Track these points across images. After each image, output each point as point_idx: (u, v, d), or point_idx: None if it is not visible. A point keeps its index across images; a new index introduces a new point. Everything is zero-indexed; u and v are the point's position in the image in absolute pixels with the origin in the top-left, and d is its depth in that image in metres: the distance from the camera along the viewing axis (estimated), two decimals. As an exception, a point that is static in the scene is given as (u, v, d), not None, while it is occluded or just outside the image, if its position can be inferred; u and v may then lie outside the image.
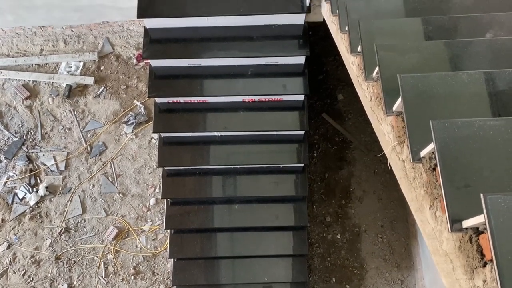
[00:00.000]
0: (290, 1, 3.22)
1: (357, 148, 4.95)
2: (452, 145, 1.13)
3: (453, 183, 1.11)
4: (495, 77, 1.40)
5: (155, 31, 3.44)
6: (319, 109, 5.06)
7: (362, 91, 2.04)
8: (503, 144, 1.12)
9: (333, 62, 5.18)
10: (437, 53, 1.65)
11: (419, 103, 1.36)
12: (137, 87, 5.19)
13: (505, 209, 0.90)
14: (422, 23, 1.90)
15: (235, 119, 3.72)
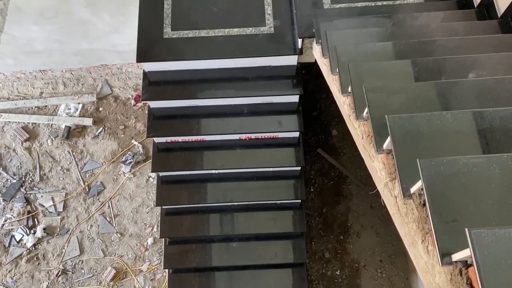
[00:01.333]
0: (283, 44, 3.36)
1: (353, 183, 5.01)
2: (439, 182, 1.20)
3: (441, 218, 1.17)
4: (478, 116, 1.49)
5: (154, 74, 3.56)
6: (314, 144, 5.15)
7: (354, 129, 2.13)
8: (486, 180, 1.19)
9: (326, 99, 5.32)
10: (423, 93, 1.74)
11: (407, 142, 1.44)
12: (135, 127, 5.29)
13: (489, 243, 0.95)
14: (408, 64, 2.01)
15: (232, 156, 3.79)
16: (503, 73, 1.98)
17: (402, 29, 2.59)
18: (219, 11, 3.52)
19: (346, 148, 5.15)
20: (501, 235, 0.96)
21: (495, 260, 0.95)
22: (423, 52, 2.18)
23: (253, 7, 3.50)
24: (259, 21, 3.44)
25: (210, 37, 3.43)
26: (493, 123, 1.47)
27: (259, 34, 3.41)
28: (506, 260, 0.95)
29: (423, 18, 2.77)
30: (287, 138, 3.77)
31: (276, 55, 3.37)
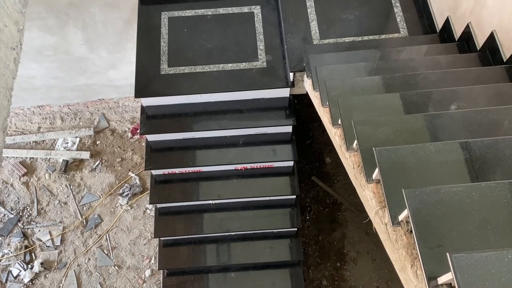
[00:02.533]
0: (275, 77, 3.51)
1: (348, 209, 5.08)
2: (423, 210, 1.30)
3: (427, 244, 1.26)
4: (459, 147, 1.60)
5: (151, 108, 3.68)
6: (309, 172, 5.24)
7: (345, 159, 2.23)
8: (466, 208, 1.28)
9: (319, 127, 5.45)
10: (408, 126, 1.86)
11: (393, 172, 1.54)
12: (132, 159, 5.37)
13: (468, 265, 1.04)
14: (394, 98, 2.14)
15: (229, 186, 3.87)
16: (483, 104, 2.11)
17: (388, 63, 2.74)
18: (213, 47, 3.68)
19: (340, 175, 5.25)
20: (479, 258, 1.06)
21: (475, 281, 1.04)
22: (408, 85, 2.31)
23: (246, 43, 3.67)
24: (252, 56, 3.60)
25: (205, 72, 3.57)
26: (473, 153, 1.58)
27: (252, 68, 3.56)
28: (484, 281, 1.03)
29: (407, 52, 2.93)
30: (282, 167, 3.87)
31: (269, 88, 3.51)
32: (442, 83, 2.32)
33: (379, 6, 3.62)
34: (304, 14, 3.59)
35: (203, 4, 3.89)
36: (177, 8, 3.88)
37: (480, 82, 2.28)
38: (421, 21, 3.52)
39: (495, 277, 1.04)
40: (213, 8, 3.87)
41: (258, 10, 3.82)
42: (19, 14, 1.54)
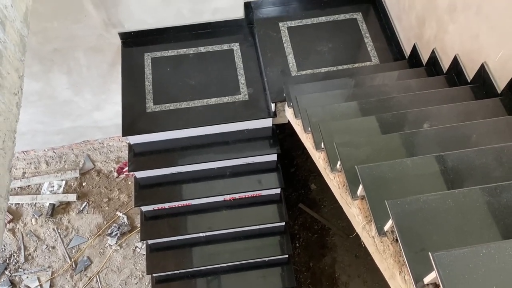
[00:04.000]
0: (257, 108, 3.66)
1: (336, 234, 5.17)
2: (405, 218, 1.42)
3: (411, 249, 1.37)
4: (433, 160, 1.75)
5: (139, 146, 3.77)
6: (295, 200, 5.34)
7: (330, 180, 2.36)
8: (443, 213, 1.41)
9: (302, 155, 5.60)
10: (386, 144, 2.01)
11: (376, 187, 1.66)
12: (119, 199, 5.39)
13: (448, 262, 1.16)
14: (371, 120, 2.30)
15: (218, 218, 3.93)
16: (452, 121, 2.28)
17: (362, 89, 2.92)
18: (196, 84, 3.83)
19: (326, 200, 5.37)
20: (458, 254, 1.17)
21: (455, 276, 1.15)
22: (382, 108, 2.48)
23: (227, 78, 3.83)
24: (234, 90, 3.76)
25: (190, 108, 3.70)
26: (447, 165, 1.72)
27: (235, 101, 3.71)
28: (464, 275, 1.15)
29: (380, 78, 3.13)
30: (269, 195, 3.97)
31: (252, 119, 3.65)
32: (414, 105, 2.50)
33: (351, 38, 3.85)
34: (280, 48, 3.79)
35: (184, 44, 4.07)
36: (159, 49, 4.05)
37: (449, 101, 2.47)
38: (390, 49, 3.76)
39: (473, 270, 1.15)
40: (194, 47, 4.05)
41: (237, 47, 4.02)
42: (19, 62, 1.65)
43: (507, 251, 1.18)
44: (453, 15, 2.82)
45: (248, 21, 4.08)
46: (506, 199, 1.45)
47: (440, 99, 2.53)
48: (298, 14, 4.00)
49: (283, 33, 3.88)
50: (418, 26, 3.33)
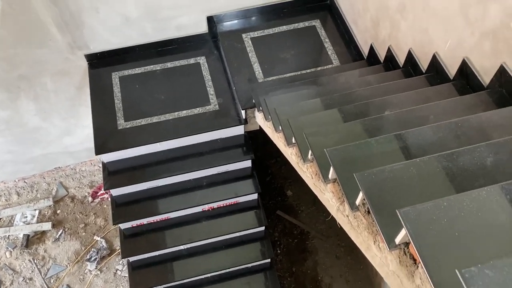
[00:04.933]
0: (228, 117, 3.75)
1: (315, 237, 5.26)
2: (373, 188, 1.52)
3: (382, 215, 1.47)
4: (395, 138, 1.88)
5: (112, 164, 3.78)
6: (273, 207, 5.42)
7: (303, 173, 2.46)
8: (408, 180, 1.53)
9: (276, 163, 5.71)
10: (351, 130, 2.13)
11: (345, 166, 1.77)
12: (95, 223, 5.32)
13: (414, 217, 1.26)
14: (336, 112, 2.43)
15: (198, 229, 3.96)
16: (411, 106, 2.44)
17: (326, 87, 3.07)
18: (166, 98, 3.90)
19: (302, 205, 5.47)
20: (422, 209, 1.28)
21: (422, 229, 1.25)
22: (345, 102, 2.62)
23: (196, 90, 3.92)
24: (204, 101, 3.85)
25: (161, 122, 3.76)
26: (407, 141, 1.85)
27: (206, 112, 3.80)
28: (429, 226, 1.25)
29: (341, 77, 3.29)
30: (247, 201, 4.03)
31: (224, 127, 3.73)
32: (374, 96, 2.65)
33: (311, 44, 4.03)
34: (246, 58, 3.93)
35: (151, 61, 4.15)
36: (126, 68, 4.11)
37: (406, 90, 2.63)
38: (349, 51, 3.95)
39: (436, 221, 1.26)
40: (160, 63, 4.13)
41: (203, 60, 4.13)
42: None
43: (464, 202, 1.30)
44: (404, 14, 3.03)
45: (212, 35, 4.20)
46: (462, 162, 1.58)
47: (398, 89, 2.69)
48: (259, 25, 4.15)
49: (247, 44, 4.02)
50: (373, 27, 3.53)
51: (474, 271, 1.02)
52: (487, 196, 1.31)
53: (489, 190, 1.32)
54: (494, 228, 1.24)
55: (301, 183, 5.51)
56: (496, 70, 2.27)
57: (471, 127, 1.88)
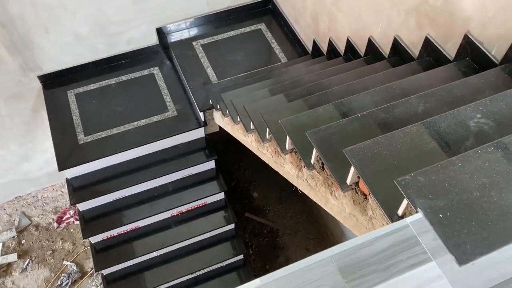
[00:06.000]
0: (188, 121, 3.88)
1: (285, 234, 5.41)
2: (324, 142, 1.71)
3: (333, 163, 1.66)
4: (338, 105, 2.09)
5: (76, 179, 3.80)
6: (241, 210, 5.53)
7: (264, 155, 2.63)
8: (351, 133, 1.72)
9: (239, 168, 5.86)
10: (302, 106, 2.33)
11: (298, 133, 1.95)
12: (63, 248, 5.22)
13: (358, 153, 1.45)
14: (287, 96, 2.62)
15: (169, 234, 4.02)
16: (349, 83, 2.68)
17: (276, 79, 3.28)
18: (124, 110, 3.98)
19: (269, 205, 5.62)
20: (364, 146, 1.47)
21: (366, 163, 1.44)
22: (294, 87, 2.83)
23: (153, 99, 4.03)
24: (162, 108, 3.96)
25: (121, 132, 3.83)
26: (351, 105, 2.07)
27: (165, 119, 3.91)
28: (370, 158, 1.44)
29: (290, 69, 3.52)
30: (215, 202, 4.14)
31: (184, 131, 3.86)
32: (319, 80, 2.88)
33: (259, 45, 4.26)
34: (198, 64, 4.09)
35: (105, 76, 4.23)
36: (81, 85, 4.17)
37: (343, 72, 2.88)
38: (295, 49, 4.21)
39: (377, 155, 1.46)
40: (115, 77, 4.22)
41: (157, 70, 4.26)
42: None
43: (400, 137, 1.51)
44: (339, 5, 3.31)
45: (163, 46, 4.35)
46: (398, 112, 1.80)
47: (339, 72, 2.93)
48: (208, 32, 4.35)
49: (198, 50, 4.19)
50: (313, 22, 3.81)
51: (408, 179, 1.21)
52: (417, 130, 1.52)
53: (418, 125, 1.54)
54: (424, 154, 1.45)
55: (265, 184, 5.70)
56: (422, 42, 2.55)
57: (404, 88, 2.13)
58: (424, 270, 1.06)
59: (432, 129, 1.53)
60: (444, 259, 1.08)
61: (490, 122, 1.54)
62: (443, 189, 1.19)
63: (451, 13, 2.25)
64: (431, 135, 1.50)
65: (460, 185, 1.20)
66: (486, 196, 1.18)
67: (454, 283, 1.04)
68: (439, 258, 1.08)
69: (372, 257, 1.08)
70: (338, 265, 1.08)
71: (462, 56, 2.29)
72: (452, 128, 1.52)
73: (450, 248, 1.08)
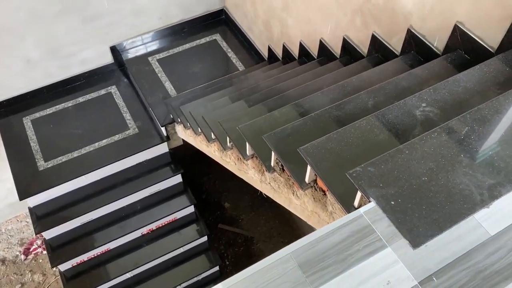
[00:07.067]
0: (150, 137, 3.84)
1: (259, 241, 5.41)
2: (281, 143, 1.73)
3: (291, 164, 1.68)
4: (294, 106, 2.12)
5: (40, 207, 3.68)
6: (214, 222, 5.50)
7: (227, 163, 2.63)
8: (307, 131, 1.76)
9: (209, 180, 5.83)
10: (259, 111, 2.36)
11: (256, 138, 1.97)
12: (33, 280, 5.03)
13: (312, 151, 1.49)
14: (244, 102, 2.65)
15: (142, 254, 3.94)
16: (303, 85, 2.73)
17: (235, 87, 3.30)
18: (84, 132, 3.90)
19: (241, 214, 5.61)
20: (317, 143, 1.51)
21: (319, 157, 1.47)
22: (252, 93, 2.86)
23: (113, 119, 3.97)
24: (123, 126, 3.90)
25: (83, 155, 3.75)
26: (305, 106, 2.11)
27: (126, 137, 3.85)
28: (324, 154, 1.48)
29: (248, 77, 3.55)
30: (185, 216, 4.10)
31: (147, 148, 3.81)
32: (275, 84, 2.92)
33: (216, 56, 4.29)
34: (156, 79, 4.07)
35: (61, 100, 4.13)
36: (37, 110, 4.06)
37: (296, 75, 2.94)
38: (251, 56, 4.26)
39: (331, 150, 1.49)
40: (71, 100, 4.13)
41: (114, 89, 4.20)
42: None
43: (351, 132, 1.55)
44: (288, 11, 3.38)
45: (119, 64, 4.30)
46: (349, 109, 1.85)
47: (294, 75, 2.99)
48: (164, 47, 4.34)
49: (155, 65, 4.17)
50: (266, 29, 3.87)
51: (359, 170, 1.25)
52: (366, 123, 1.57)
53: (368, 118, 1.59)
54: (375, 146, 1.50)
55: (236, 193, 5.69)
56: (369, 39, 2.63)
57: (355, 85, 2.19)
58: (381, 256, 1.10)
59: (381, 121, 1.58)
60: (399, 244, 1.12)
61: (435, 110, 1.61)
62: (393, 177, 1.23)
63: (393, 9, 2.34)
64: (381, 127, 1.56)
65: (409, 172, 1.24)
66: (434, 180, 1.23)
67: (409, 266, 1.08)
68: (393, 244, 1.12)
69: (330, 250, 1.10)
70: (297, 261, 1.10)
71: (407, 50, 2.38)
72: (399, 118, 1.58)
73: (403, 233, 1.12)
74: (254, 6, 3.87)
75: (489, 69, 1.76)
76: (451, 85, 1.69)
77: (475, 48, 1.99)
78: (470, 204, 1.17)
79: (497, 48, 1.90)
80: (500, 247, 1.11)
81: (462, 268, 1.08)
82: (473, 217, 1.16)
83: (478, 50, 1.98)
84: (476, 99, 1.63)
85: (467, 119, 1.40)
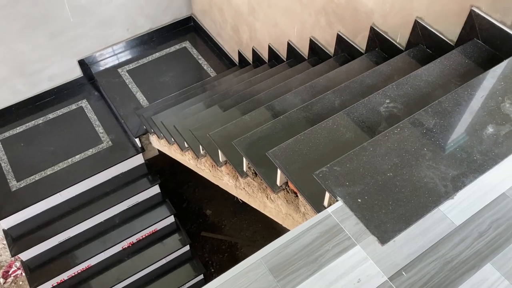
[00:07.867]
0: (124, 149, 3.79)
1: (243, 246, 5.39)
2: (251, 148, 1.73)
3: (262, 168, 1.68)
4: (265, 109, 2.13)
5: (15, 228, 3.59)
6: (196, 230, 5.46)
7: (202, 171, 2.62)
8: (276, 134, 1.77)
9: (189, 188, 5.78)
10: (230, 117, 2.35)
11: (227, 143, 1.97)
12: (14, 304, 4.90)
13: (280, 154, 1.49)
14: (217, 108, 2.64)
15: (124, 267, 3.88)
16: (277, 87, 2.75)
17: (207, 93, 3.29)
18: (56, 148, 3.82)
19: (224, 220, 5.58)
20: (285, 145, 1.51)
21: (287, 160, 1.48)
22: (224, 98, 2.86)
23: (85, 133, 3.91)
24: (96, 140, 3.85)
25: (56, 172, 3.68)
26: (275, 109, 2.12)
27: (100, 151, 3.80)
28: (292, 156, 1.49)
29: (219, 82, 3.55)
30: (165, 227, 4.06)
31: (122, 160, 3.76)
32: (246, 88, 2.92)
33: (187, 63, 4.27)
34: (127, 90, 4.03)
35: (31, 117, 4.05)
36: (6, 130, 3.97)
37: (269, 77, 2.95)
38: (222, 62, 4.26)
39: (299, 152, 1.50)
40: (42, 117, 4.05)
41: (85, 103, 4.14)
42: None
43: (318, 132, 1.57)
44: (255, 15, 3.39)
45: (88, 77, 4.24)
46: (317, 109, 1.87)
47: (265, 78, 3.00)
48: (133, 57, 4.29)
49: (125, 77, 4.12)
50: (235, 34, 3.87)
51: (325, 170, 1.26)
52: (332, 123, 1.59)
53: (334, 118, 1.61)
54: (342, 144, 1.51)
55: (217, 199, 5.67)
56: (335, 39, 2.66)
57: (323, 85, 2.21)
58: (350, 255, 1.10)
59: (347, 119, 1.60)
60: (367, 242, 1.13)
61: (399, 105, 1.63)
62: (359, 174, 1.24)
63: (355, 8, 2.37)
64: (347, 126, 1.57)
65: (374, 169, 1.26)
66: (399, 175, 1.25)
67: (379, 262, 1.09)
68: (362, 242, 1.13)
69: (299, 252, 1.11)
70: (268, 266, 1.10)
71: (371, 47, 2.41)
72: (364, 116, 1.60)
73: (371, 229, 1.13)
74: (221, 12, 3.87)
75: (449, 62, 1.80)
76: (413, 80, 1.72)
77: (436, 42, 2.03)
78: (435, 197, 1.19)
79: (456, 41, 1.94)
80: (466, 237, 1.13)
81: (430, 261, 1.09)
82: (439, 209, 1.18)
83: (439, 44, 2.02)
84: (438, 92, 1.67)
85: (429, 112, 1.43)
